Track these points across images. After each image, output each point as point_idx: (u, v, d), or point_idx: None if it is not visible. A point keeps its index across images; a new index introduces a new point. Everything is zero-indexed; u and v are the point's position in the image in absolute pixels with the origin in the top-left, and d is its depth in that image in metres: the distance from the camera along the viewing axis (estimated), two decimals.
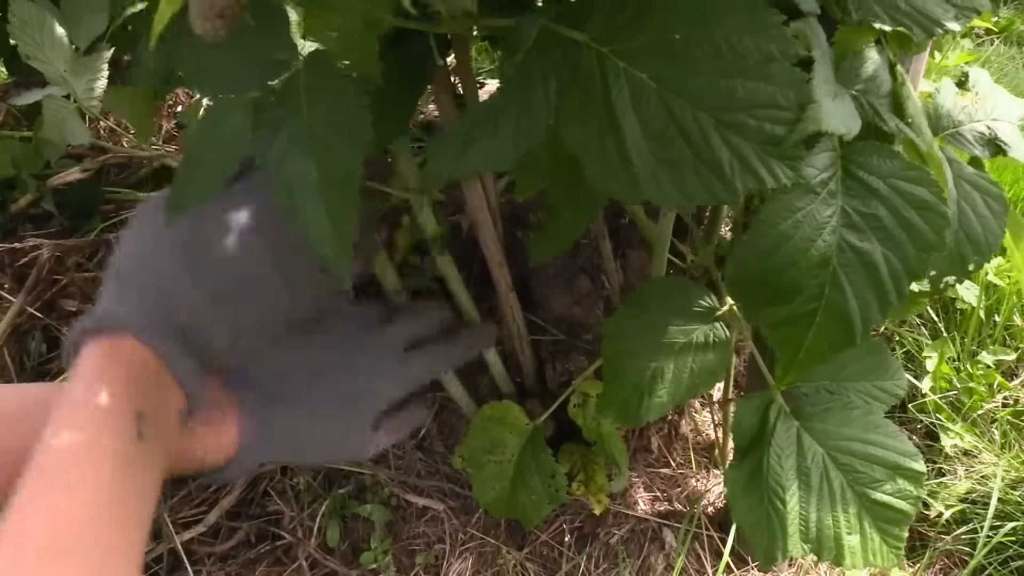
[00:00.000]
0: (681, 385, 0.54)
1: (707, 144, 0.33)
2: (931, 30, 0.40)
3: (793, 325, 0.42)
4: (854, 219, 0.40)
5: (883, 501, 0.51)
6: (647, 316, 0.56)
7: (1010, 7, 2.16)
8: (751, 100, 0.32)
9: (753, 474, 0.53)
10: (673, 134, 0.33)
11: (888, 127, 0.41)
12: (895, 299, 0.41)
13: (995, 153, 0.51)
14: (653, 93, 0.33)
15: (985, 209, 0.49)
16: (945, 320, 1.05)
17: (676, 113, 0.33)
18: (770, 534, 0.52)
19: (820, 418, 0.54)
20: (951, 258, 0.48)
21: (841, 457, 0.53)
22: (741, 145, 0.33)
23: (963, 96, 0.53)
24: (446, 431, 0.87)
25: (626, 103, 0.33)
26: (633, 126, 0.33)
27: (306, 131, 0.34)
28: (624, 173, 0.34)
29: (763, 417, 0.54)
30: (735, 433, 0.55)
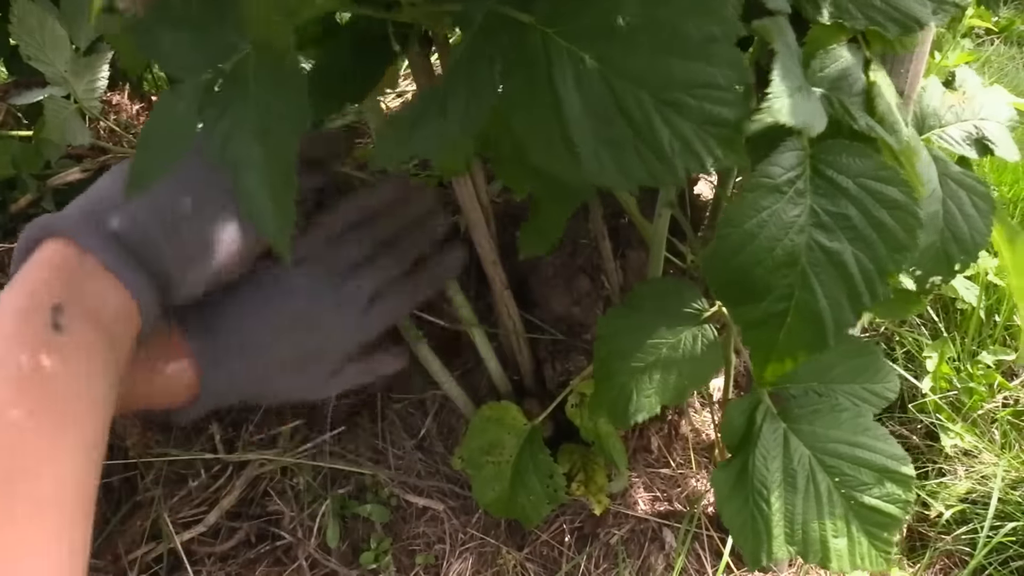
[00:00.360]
0: (669, 386, 0.54)
1: (648, 124, 0.33)
2: (908, 27, 0.40)
3: (764, 325, 0.42)
4: (823, 219, 0.39)
5: (871, 505, 0.51)
6: (639, 316, 0.56)
7: (1010, 7, 2.16)
8: (691, 80, 0.32)
9: (739, 475, 0.53)
10: (614, 114, 0.33)
11: (858, 125, 0.41)
12: (868, 300, 0.40)
13: (983, 153, 0.51)
14: (595, 73, 0.33)
15: (971, 208, 0.49)
16: (945, 320, 1.05)
17: (617, 93, 0.33)
18: (755, 535, 0.52)
19: (808, 420, 0.54)
20: (937, 257, 0.48)
21: (828, 460, 0.52)
22: (681, 125, 0.33)
23: (951, 95, 0.53)
24: (446, 431, 0.87)
25: (569, 84, 0.33)
26: (575, 107, 0.33)
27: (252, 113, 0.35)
28: (566, 154, 0.34)
29: (750, 418, 0.54)
30: (724, 434, 0.55)
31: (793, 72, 0.37)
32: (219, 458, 0.85)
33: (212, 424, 0.87)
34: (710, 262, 0.41)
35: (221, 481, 0.84)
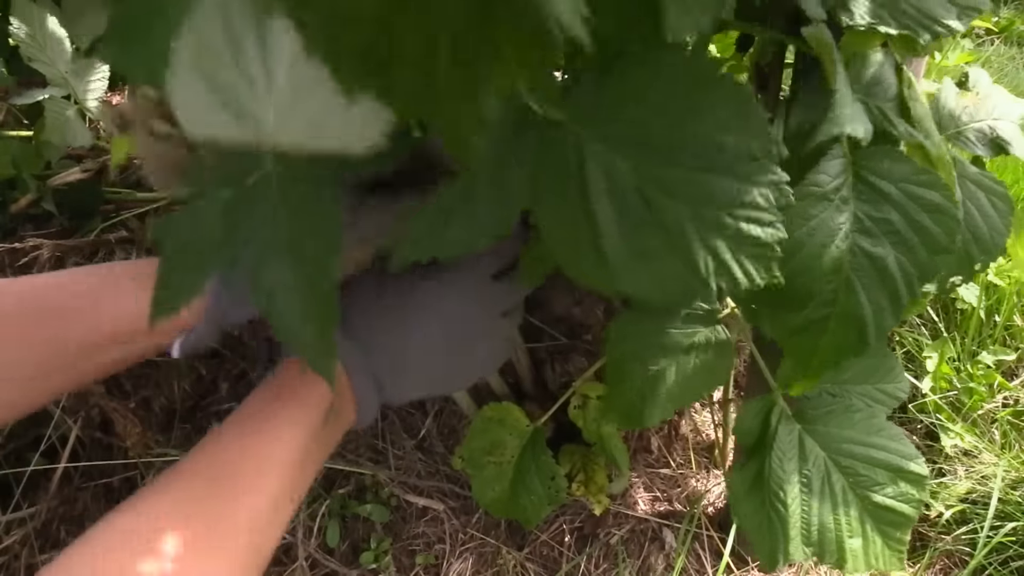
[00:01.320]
0: (684, 387, 0.54)
1: (684, 241, 0.31)
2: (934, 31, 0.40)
3: (806, 332, 0.42)
4: (866, 224, 0.40)
5: (885, 504, 0.51)
6: (651, 319, 0.56)
7: (1010, 7, 2.16)
8: (731, 199, 0.31)
9: (755, 477, 0.53)
10: (649, 227, 0.32)
11: (897, 131, 0.41)
12: (908, 303, 0.41)
13: (997, 152, 0.51)
14: (630, 183, 0.31)
15: (991, 208, 0.49)
16: (945, 320, 1.05)
17: (654, 206, 0.31)
18: (772, 537, 0.52)
19: (822, 421, 0.54)
20: (958, 258, 0.48)
21: (843, 460, 0.52)
22: (719, 245, 0.32)
23: (964, 96, 0.53)
24: (446, 431, 0.87)
25: (601, 191, 0.32)
26: (608, 216, 0.32)
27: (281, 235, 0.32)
28: (597, 264, 0.32)
29: (765, 420, 0.54)
30: (738, 436, 0.55)
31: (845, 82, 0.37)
32: None
33: (212, 424, 0.87)
34: None
35: None
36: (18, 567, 0.78)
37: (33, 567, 0.79)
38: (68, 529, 0.81)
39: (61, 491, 0.82)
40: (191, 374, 0.88)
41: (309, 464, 0.46)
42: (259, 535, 0.40)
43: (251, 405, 0.45)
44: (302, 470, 0.45)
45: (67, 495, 0.82)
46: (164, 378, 0.87)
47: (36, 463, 0.82)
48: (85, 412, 0.83)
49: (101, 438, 0.85)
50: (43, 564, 0.79)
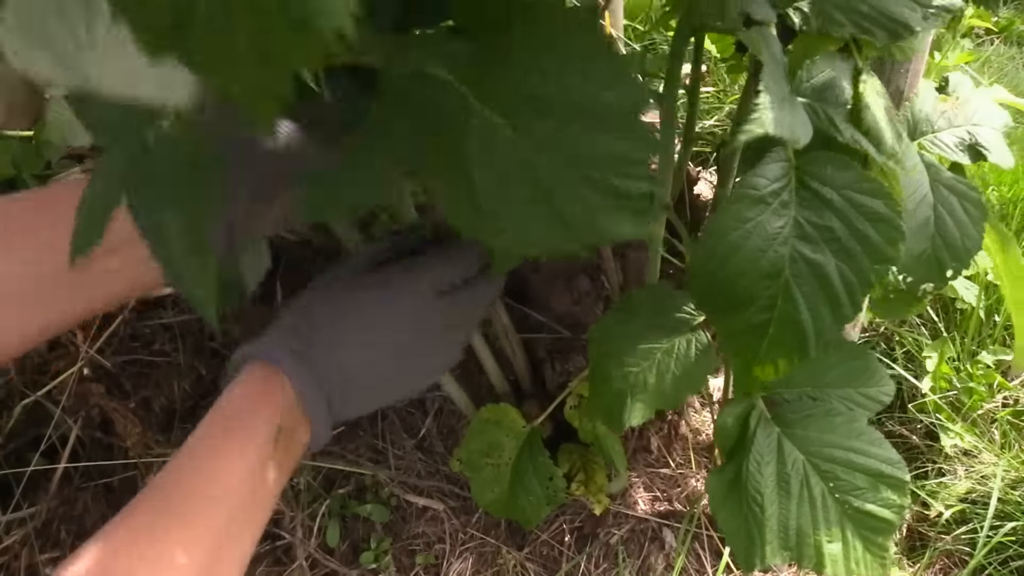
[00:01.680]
0: (663, 391, 0.54)
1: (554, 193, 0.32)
2: (897, 32, 0.40)
3: (747, 335, 0.42)
4: (807, 230, 0.39)
5: (866, 510, 0.51)
6: (633, 322, 0.56)
7: (1010, 7, 2.16)
8: (603, 153, 0.32)
9: (733, 480, 0.53)
10: (523, 180, 0.32)
11: (842, 137, 0.41)
12: (849, 311, 0.40)
13: (976, 158, 0.51)
14: (507, 136, 0.32)
15: (963, 214, 0.48)
16: (945, 320, 1.05)
17: (526, 158, 0.32)
18: (749, 541, 0.51)
19: (802, 425, 0.53)
20: (928, 264, 0.48)
21: (822, 464, 0.52)
22: (591, 198, 0.32)
23: (944, 101, 0.53)
24: (446, 431, 0.87)
25: (480, 144, 0.33)
26: (485, 168, 0.33)
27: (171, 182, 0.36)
28: (476, 216, 0.33)
29: (744, 423, 0.54)
30: (718, 438, 0.55)
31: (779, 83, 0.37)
32: None
33: None
34: (693, 272, 0.41)
35: None
36: (18, 567, 0.78)
37: (33, 567, 0.79)
38: (68, 529, 0.81)
39: (61, 491, 0.82)
40: (191, 374, 0.88)
41: (262, 491, 0.46)
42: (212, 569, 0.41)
43: (200, 435, 0.46)
44: (253, 498, 0.45)
45: (67, 495, 0.82)
46: (164, 378, 0.87)
47: (36, 463, 0.82)
48: (85, 412, 0.83)
49: (101, 438, 0.85)
50: (43, 564, 0.79)
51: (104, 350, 0.85)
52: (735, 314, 0.41)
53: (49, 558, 0.80)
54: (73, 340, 0.84)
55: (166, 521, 0.41)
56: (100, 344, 0.84)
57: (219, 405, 0.47)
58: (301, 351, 0.50)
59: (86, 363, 0.84)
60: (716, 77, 1.34)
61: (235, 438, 0.45)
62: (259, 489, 0.45)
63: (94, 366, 0.84)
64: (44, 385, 0.83)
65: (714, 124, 1.27)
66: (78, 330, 0.85)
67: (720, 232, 0.39)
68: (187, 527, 0.41)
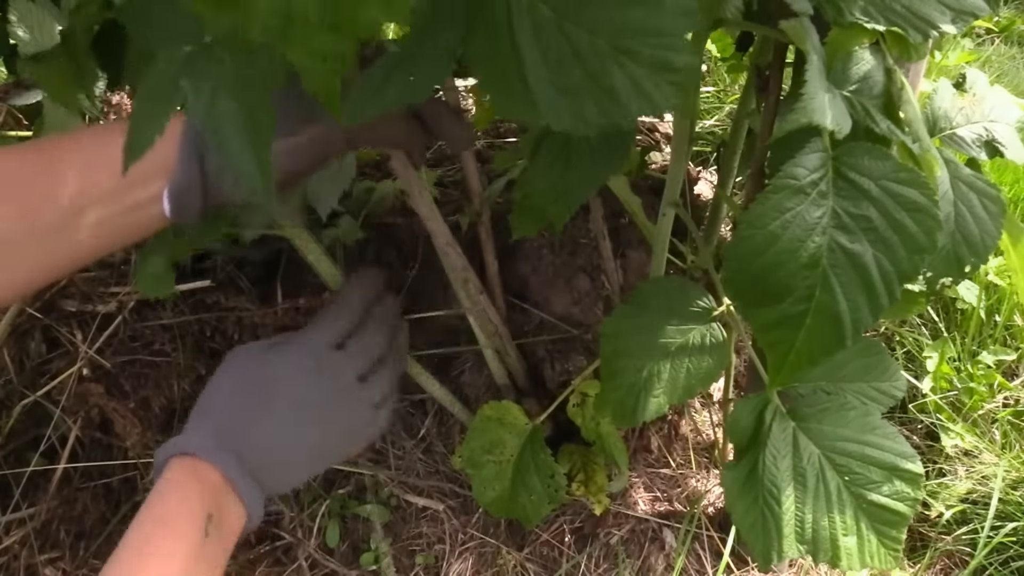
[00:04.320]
0: (678, 386, 0.54)
1: (603, 70, 0.34)
2: (926, 32, 0.40)
3: (783, 326, 0.42)
4: (844, 220, 0.40)
5: (880, 503, 0.51)
6: (646, 316, 0.56)
7: (1010, 7, 2.16)
8: (643, 27, 0.34)
9: (749, 475, 0.53)
10: (570, 61, 0.34)
11: (879, 128, 0.41)
12: (886, 301, 0.40)
13: (992, 155, 0.51)
14: (552, 23, 0.35)
15: (982, 211, 0.49)
16: (946, 320, 1.04)
17: (573, 41, 0.34)
18: (765, 535, 0.51)
19: (817, 419, 0.53)
20: (947, 259, 0.48)
21: (837, 458, 0.52)
22: (634, 70, 0.34)
23: (961, 97, 0.53)
24: (446, 431, 0.87)
25: (528, 34, 0.35)
26: (534, 56, 0.35)
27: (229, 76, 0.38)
28: (525, 100, 0.35)
29: (759, 418, 0.54)
30: (732, 434, 0.55)
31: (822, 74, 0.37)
32: None
33: None
34: (731, 263, 0.41)
35: None
36: (18, 567, 0.78)
37: (33, 567, 0.79)
38: (68, 529, 0.81)
39: (61, 491, 0.82)
40: (191, 374, 0.88)
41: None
42: None
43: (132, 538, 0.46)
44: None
45: (67, 495, 0.82)
46: (164, 378, 0.87)
47: (36, 463, 0.82)
48: (85, 412, 0.83)
49: (101, 438, 0.85)
50: (43, 564, 0.79)
51: (104, 350, 0.85)
52: (771, 305, 0.41)
53: (48, 558, 0.80)
54: (73, 340, 0.84)
55: None
56: (100, 344, 0.84)
57: (148, 504, 0.48)
58: (219, 437, 0.51)
59: (86, 363, 0.84)
60: (716, 77, 1.34)
61: (167, 535, 0.46)
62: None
63: (94, 366, 0.84)
64: (44, 385, 0.83)
65: (714, 124, 1.27)
66: (78, 330, 0.85)
67: (759, 223, 0.39)
68: None
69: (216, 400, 0.55)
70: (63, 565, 0.79)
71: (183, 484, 0.49)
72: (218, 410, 0.54)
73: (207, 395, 0.56)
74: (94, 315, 0.86)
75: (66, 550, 0.80)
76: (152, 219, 0.49)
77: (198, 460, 0.50)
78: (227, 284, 0.89)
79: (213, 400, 0.55)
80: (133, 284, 0.87)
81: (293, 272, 0.91)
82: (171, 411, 0.87)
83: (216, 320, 0.88)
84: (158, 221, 0.49)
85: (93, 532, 0.81)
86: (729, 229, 1.03)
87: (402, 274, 0.90)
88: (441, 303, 0.86)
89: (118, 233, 0.49)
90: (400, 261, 0.91)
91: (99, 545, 0.80)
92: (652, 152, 1.07)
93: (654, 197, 0.90)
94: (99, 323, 0.85)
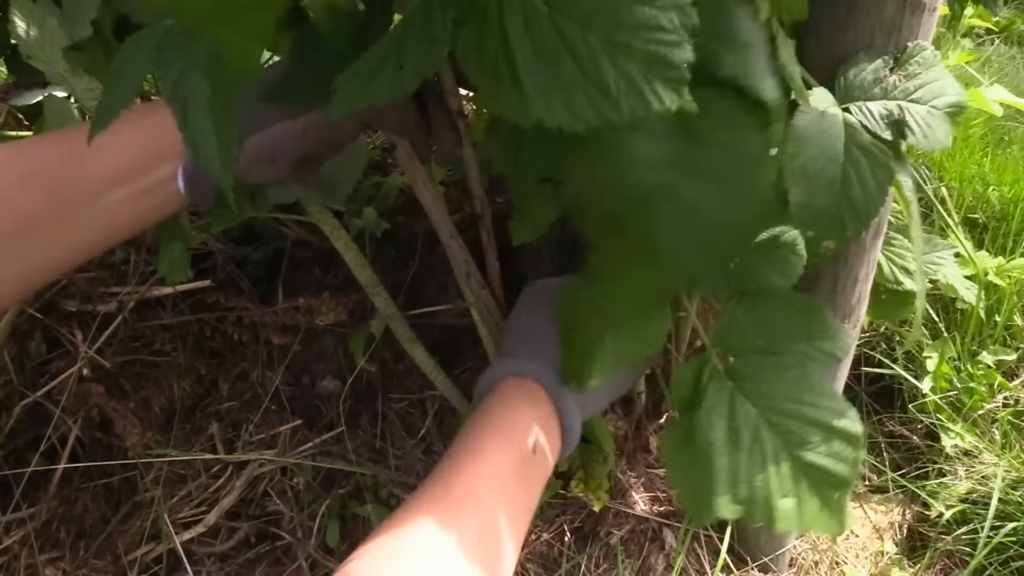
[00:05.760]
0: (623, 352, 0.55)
1: (595, 65, 0.34)
2: None
3: None
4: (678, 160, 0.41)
5: (818, 464, 0.50)
6: (597, 286, 0.56)
7: (1010, 7, 2.16)
8: (637, 22, 0.33)
9: (685, 435, 0.52)
10: (563, 56, 0.34)
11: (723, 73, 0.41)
12: None
13: (897, 135, 0.50)
14: (545, 17, 0.34)
15: (871, 178, 0.49)
16: (945, 320, 1.05)
17: (566, 35, 0.34)
18: (699, 494, 0.51)
19: (754, 379, 0.53)
20: (830, 221, 0.49)
21: (774, 418, 0.51)
22: (628, 66, 0.34)
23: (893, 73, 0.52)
24: (446, 431, 0.87)
25: (519, 28, 0.35)
26: (526, 50, 0.35)
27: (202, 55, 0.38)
28: (516, 95, 0.35)
29: (697, 378, 0.54)
30: (674, 396, 0.54)
31: None
32: (219, 458, 0.85)
33: (212, 424, 0.87)
34: None
35: (221, 481, 0.84)
36: (18, 567, 0.78)
37: (33, 567, 0.79)
38: (68, 529, 0.81)
39: (61, 491, 0.82)
40: (191, 374, 0.88)
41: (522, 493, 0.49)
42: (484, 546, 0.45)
43: (464, 441, 0.50)
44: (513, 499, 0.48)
45: (67, 495, 0.82)
46: (164, 378, 0.87)
47: (36, 463, 0.82)
48: (85, 412, 0.83)
49: (101, 438, 0.85)
50: (43, 564, 0.79)
51: (104, 350, 0.85)
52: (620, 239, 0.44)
53: (48, 558, 0.80)
54: (73, 340, 0.84)
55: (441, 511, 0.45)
56: (100, 344, 0.84)
57: (484, 411, 0.52)
58: (546, 364, 0.55)
59: (86, 363, 0.84)
60: None
61: (498, 446, 0.49)
62: (519, 491, 0.49)
63: (94, 366, 0.84)
64: (44, 385, 0.83)
65: None
66: (78, 330, 0.85)
67: None
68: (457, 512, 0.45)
69: (536, 331, 0.58)
70: (63, 565, 0.79)
71: (519, 402, 0.52)
72: (537, 340, 0.57)
73: (521, 328, 0.59)
74: (94, 315, 0.86)
75: (66, 550, 0.80)
76: (170, 198, 0.50)
77: (533, 385, 0.54)
78: (227, 284, 0.89)
79: (531, 331, 0.58)
80: (133, 284, 0.87)
81: (293, 272, 0.91)
82: (171, 411, 0.87)
83: (216, 320, 0.88)
84: (176, 200, 0.51)
85: (93, 532, 0.82)
86: None
87: (401, 275, 0.90)
88: (441, 303, 0.87)
89: (138, 213, 0.50)
90: (399, 262, 0.91)
91: (99, 545, 0.80)
92: None
93: None
94: (99, 323, 0.85)
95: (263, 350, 0.89)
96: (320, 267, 0.90)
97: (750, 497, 0.50)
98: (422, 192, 0.62)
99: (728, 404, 0.53)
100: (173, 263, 0.66)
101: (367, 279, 0.71)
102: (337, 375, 0.90)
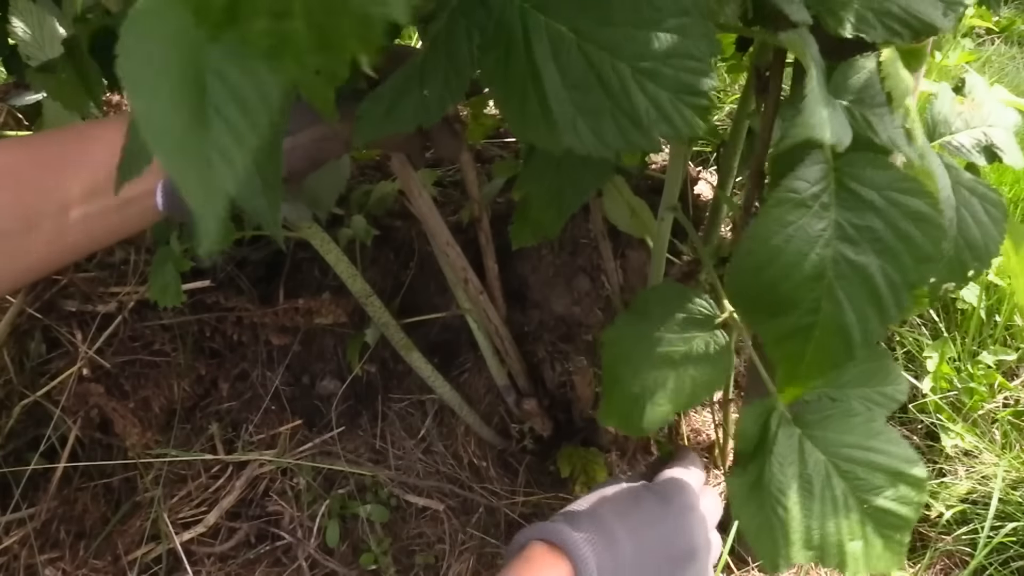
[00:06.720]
0: (683, 394, 0.54)
1: (625, 93, 0.34)
2: (922, 32, 0.40)
3: (792, 339, 0.42)
4: (848, 232, 0.39)
5: (885, 507, 0.51)
6: (647, 323, 0.55)
7: (1010, 7, 2.16)
8: (667, 51, 0.33)
9: (755, 482, 0.53)
10: (592, 83, 0.34)
11: (879, 139, 0.41)
12: (894, 311, 0.40)
13: (991, 160, 0.51)
14: (573, 44, 0.34)
15: (984, 216, 0.48)
16: (946, 320, 1.04)
17: (595, 63, 0.34)
18: (773, 542, 0.51)
19: (821, 425, 0.53)
20: (951, 265, 0.48)
21: (843, 464, 0.52)
22: (658, 93, 0.34)
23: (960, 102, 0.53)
24: (446, 431, 0.87)
25: (547, 54, 0.35)
26: (553, 76, 0.35)
27: None
28: (544, 122, 0.35)
29: (765, 425, 0.54)
30: (739, 441, 0.55)
31: (822, 85, 0.37)
32: (219, 458, 0.85)
33: (212, 424, 0.87)
34: (735, 276, 0.41)
35: (221, 481, 0.84)
36: (18, 567, 0.78)
37: (33, 567, 0.79)
38: (68, 529, 0.81)
39: (61, 491, 0.82)
40: (191, 374, 0.88)
41: None
42: None
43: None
44: None
45: (67, 495, 0.82)
46: (164, 378, 0.87)
47: (36, 463, 0.82)
48: (85, 412, 0.83)
49: (101, 438, 0.85)
50: (43, 564, 0.79)
51: (104, 350, 0.85)
52: (779, 318, 0.41)
53: (48, 558, 0.80)
54: (73, 340, 0.84)
55: None
56: (100, 344, 0.84)
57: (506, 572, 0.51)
58: (588, 539, 0.53)
59: (86, 363, 0.84)
60: (716, 77, 1.34)
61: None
62: None
63: (94, 366, 0.84)
64: (44, 385, 0.83)
65: (714, 124, 1.27)
66: (78, 330, 0.85)
67: (762, 236, 0.39)
68: None
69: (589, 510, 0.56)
70: (63, 565, 0.79)
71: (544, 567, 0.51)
72: (588, 519, 0.55)
73: (580, 503, 0.58)
74: (94, 315, 0.86)
75: (66, 550, 0.80)
76: (145, 212, 0.49)
77: (559, 552, 0.52)
78: (227, 284, 0.89)
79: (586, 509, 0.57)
80: (133, 284, 0.87)
81: (293, 272, 0.91)
82: (171, 411, 0.87)
83: (216, 320, 0.88)
84: (151, 215, 0.49)
85: (93, 532, 0.81)
86: (729, 229, 1.03)
87: (400, 276, 0.90)
88: (440, 306, 0.87)
89: (112, 226, 0.49)
90: (398, 263, 0.91)
91: (99, 545, 0.80)
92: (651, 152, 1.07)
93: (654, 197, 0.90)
94: (99, 323, 0.85)
95: (263, 350, 0.89)
96: (320, 268, 0.90)
97: (822, 543, 0.51)
98: (417, 201, 0.62)
99: (798, 451, 0.53)
100: (164, 287, 0.66)
101: (359, 290, 0.71)
102: (337, 375, 0.90)
